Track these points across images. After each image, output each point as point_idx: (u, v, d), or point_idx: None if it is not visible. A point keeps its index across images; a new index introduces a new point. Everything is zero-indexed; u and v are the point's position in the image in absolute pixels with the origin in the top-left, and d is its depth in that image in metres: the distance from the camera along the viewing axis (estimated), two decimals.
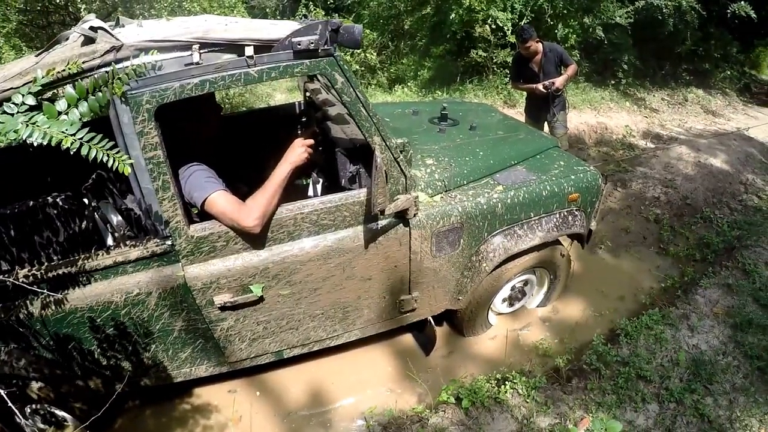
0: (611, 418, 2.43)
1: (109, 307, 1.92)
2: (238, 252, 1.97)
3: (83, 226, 2.11)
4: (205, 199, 1.84)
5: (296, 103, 3.23)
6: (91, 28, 1.60)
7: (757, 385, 2.85)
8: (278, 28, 1.79)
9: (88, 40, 1.61)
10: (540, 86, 4.13)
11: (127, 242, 1.89)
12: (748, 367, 2.96)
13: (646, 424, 2.52)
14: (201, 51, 1.63)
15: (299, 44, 1.67)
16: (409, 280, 2.35)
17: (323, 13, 8.97)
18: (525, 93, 4.68)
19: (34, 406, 2.23)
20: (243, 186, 2.03)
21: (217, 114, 2.15)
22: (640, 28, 8.77)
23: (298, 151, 1.94)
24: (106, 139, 1.26)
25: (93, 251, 1.86)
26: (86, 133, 1.20)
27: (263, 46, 1.70)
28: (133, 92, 1.59)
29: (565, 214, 2.67)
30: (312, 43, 1.67)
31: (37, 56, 1.73)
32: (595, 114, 7.77)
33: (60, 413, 2.29)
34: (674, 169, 5.98)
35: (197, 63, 1.62)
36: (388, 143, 1.95)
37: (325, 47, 1.71)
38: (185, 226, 1.84)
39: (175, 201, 1.78)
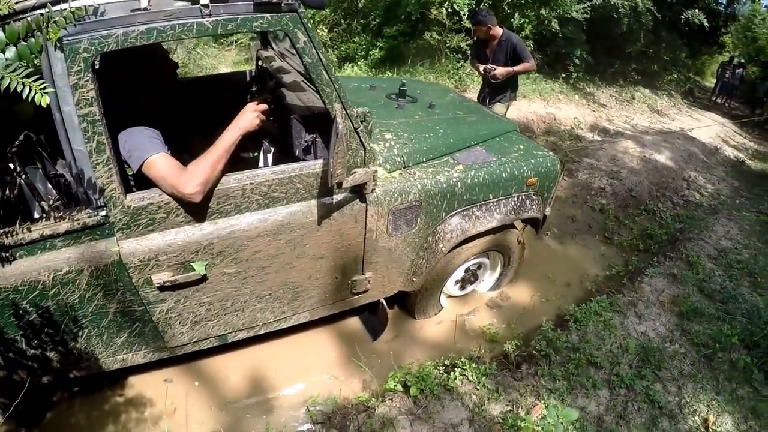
0: (563, 404, 2.47)
1: (36, 288, 1.69)
2: (179, 225, 1.78)
3: (6, 194, 1.87)
4: (145, 160, 1.65)
5: (248, 71, 3.03)
6: None
7: (703, 372, 2.95)
8: None
9: None
10: (481, 67, 4.14)
11: (56, 213, 1.67)
12: (695, 355, 3.06)
13: (598, 411, 2.55)
14: None
15: None
16: (363, 259, 2.26)
17: None
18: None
19: None
20: (188, 157, 1.86)
21: (169, 71, 1.98)
22: (595, 24, 8.99)
23: (249, 116, 1.79)
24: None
25: (17, 223, 1.63)
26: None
27: None
28: (70, 38, 1.38)
29: (523, 197, 2.66)
30: None
31: None
32: (545, 104, 7.95)
33: None
34: (620, 162, 6.18)
35: (145, 8, 1.43)
36: (348, 111, 1.83)
37: (289, 2, 1.56)
38: (121, 194, 1.63)
39: (110, 166, 1.57)
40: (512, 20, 7.61)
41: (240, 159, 2.15)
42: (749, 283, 3.99)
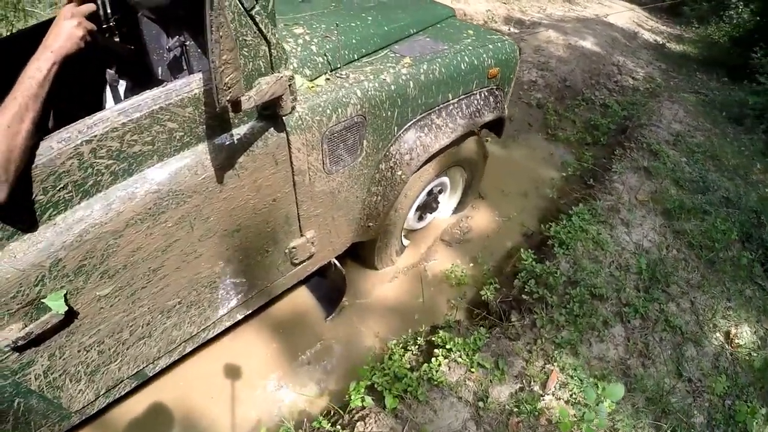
0: (578, 359, 1.99)
1: None
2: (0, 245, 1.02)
3: None
4: None
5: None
6: None
7: (709, 277, 2.67)
8: None
9: None
10: None
11: None
12: (695, 259, 2.77)
13: (617, 354, 2.10)
14: None
15: None
16: (298, 215, 1.58)
17: None
18: None
19: None
20: None
21: None
22: None
23: (65, 27, 1.04)
24: None
25: None
26: None
27: None
28: None
29: (486, 93, 2.09)
30: None
31: None
32: (452, 0, 7.32)
33: None
34: (546, 53, 5.82)
35: None
36: None
37: None
38: None
39: None
40: None
41: (71, 111, 1.33)
42: (715, 167, 3.82)
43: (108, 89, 1.45)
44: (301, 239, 1.66)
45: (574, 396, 1.85)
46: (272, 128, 1.35)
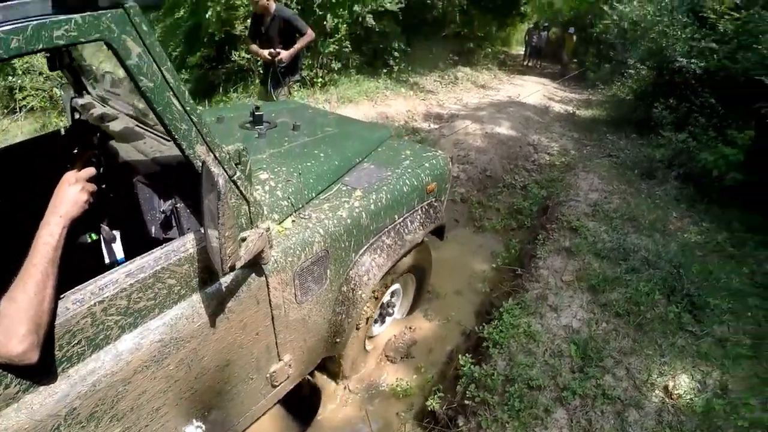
0: None
1: None
2: (16, 398, 1.12)
3: None
4: None
5: (62, 129, 2.31)
6: None
7: (640, 340, 2.85)
8: None
9: None
10: (265, 52, 4.07)
11: None
12: (625, 327, 2.95)
13: None
14: None
15: None
16: (276, 343, 1.77)
17: None
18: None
19: None
20: None
21: None
22: (409, 13, 9.22)
23: (70, 194, 1.19)
24: None
25: None
26: None
27: None
28: None
29: (427, 207, 2.40)
30: None
31: None
32: (373, 105, 7.86)
33: None
34: (465, 145, 6.23)
35: None
36: (218, 154, 1.33)
37: None
38: None
39: None
40: (325, 22, 7.44)
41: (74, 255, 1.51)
42: (633, 229, 4.12)
43: (104, 244, 1.61)
44: (279, 363, 1.83)
45: None
46: (253, 274, 1.56)
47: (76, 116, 2.28)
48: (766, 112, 4.78)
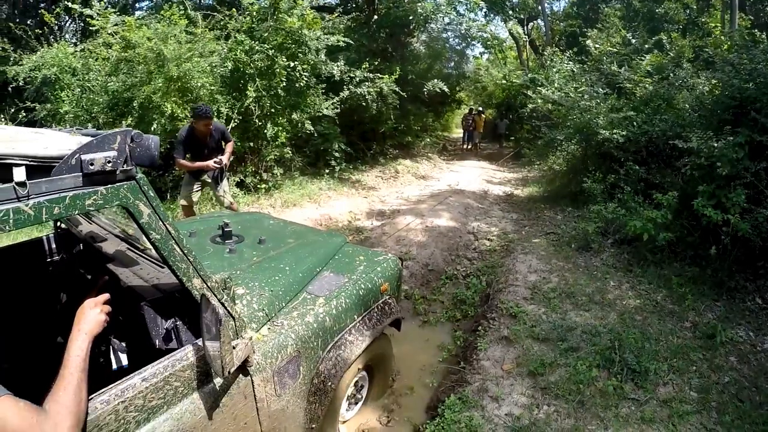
0: None
1: None
2: None
3: None
4: None
5: (44, 238, 2.66)
6: None
7: (583, 417, 3.00)
8: (58, 139, 1.36)
9: None
10: (212, 163, 4.97)
11: None
12: (566, 406, 3.09)
13: None
14: None
15: (92, 164, 1.29)
16: (261, 431, 2.12)
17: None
18: (184, 170, 5.29)
19: None
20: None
21: None
22: (346, 115, 9.97)
23: (92, 316, 1.55)
24: None
25: None
26: None
27: (40, 167, 1.24)
28: None
29: (382, 305, 2.81)
30: (109, 161, 1.32)
31: None
32: (317, 206, 8.24)
33: None
34: (407, 241, 6.55)
35: None
36: (209, 284, 1.73)
37: (125, 167, 1.37)
38: None
39: None
40: (265, 131, 7.94)
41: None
42: (572, 305, 4.36)
43: (113, 351, 1.95)
44: None
45: None
46: (241, 374, 1.93)
47: (60, 227, 2.64)
48: (685, 171, 5.37)
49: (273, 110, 8.14)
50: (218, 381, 1.85)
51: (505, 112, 20.70)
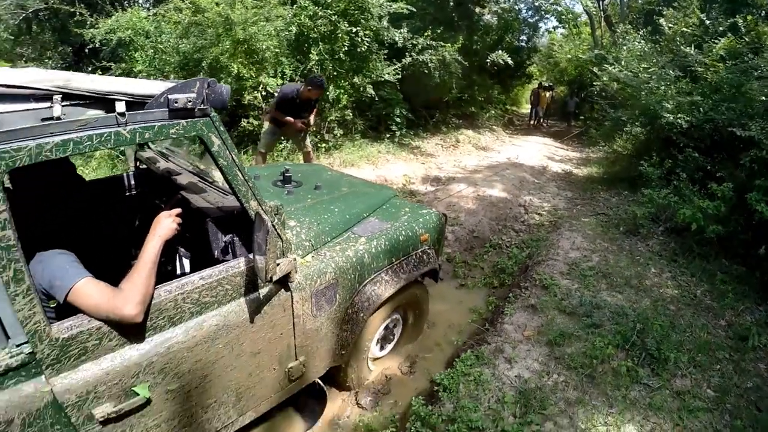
0: None
1: None
2: (114, 350, 1.76)
3: None
4: (70, 289, 1.62)
5: (125, 174, 3.06)
6: None
7: (590, 391, 3.08)
8: (151, 84, 1.72)
9: None
10: (300, 123, 5.80)
11: None
12: (575, 378, 3.18)
13: None
14: (63, 104, 1.45)
15: (176, 102, 1.66)
16: (295, 345, 2.41)
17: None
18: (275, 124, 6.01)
19: None
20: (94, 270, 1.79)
21: (78, 186, 1.98)
22: (409, 82, 10.09)
23: (166, 224, 1.88)
24: None
25: None
26: None
27: (135, 102, 1.61)
28: None
29: (420, 254, 3.05)
30: (190, 101, 1.67)
31: None
32: (374, 168, 8.52)
33: None
34: (456, 207, 6.73)
35: (58, 118, 1.43)
36: (264, 207, 2.02)
37: (202, 106, 1.72)
38: (47, 326, 1.56)
39: (32, 296, 1.49)
40: (328, 93, 8.28)
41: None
42: (607, 285, 4.39)
43: (179, 260, 2.34)
44: (296, 362, 2.46)
45: None
46: (282, 289, 2.24)
47: (140, 165, 3.04)
48: (744, 162, 5.15)
49: (335, 73, 8.46)
50: (263, 291, 2.17)
51: (577, 90, 20.01)
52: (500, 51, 11.72)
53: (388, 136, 10.23)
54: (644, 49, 9.51)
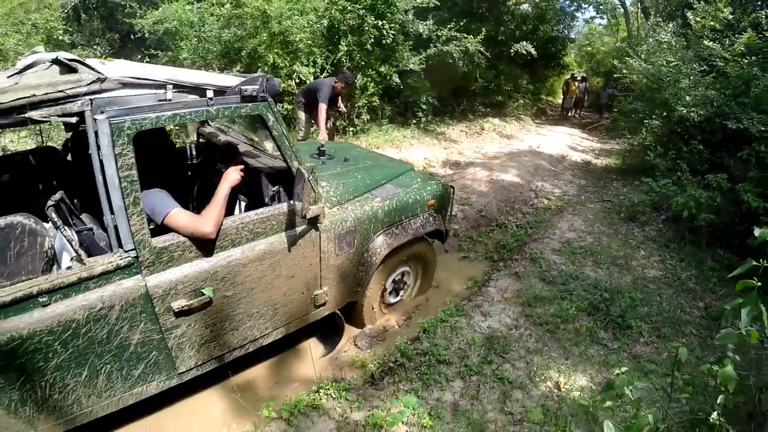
0: (418, 399, 3.01)
1: (70, 327, 2.17)
2: (192, 260, 2.52)
3: (43, 245, 2.23)
4: (167, 214, 2.42)
5: (188, 145, 3.92)
6: (68, 60, 2.16)
7: (549, 344, 3.57)
8: (227, 78, 2.56)
9: (68, 69, 2.15)
10: (339, 110, 6.98)
11: (89, 258, 2.23)
12: (539, 333, 3.70)
13: (454, 398, 3.15)
14: (173, 91, 2.31)
15: (246, 91, 2.48)
16: (320, 276, 3.17)
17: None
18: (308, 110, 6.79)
19: None
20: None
21: (170, 148, 2.81)
22: (435, 71, 10.72)
23: (234, 175, 2.68)
24: None
25: (55, 271, 2.18)
26: None
27: (219, 91, 2.44)
28: (116, 119, 2.11)
29: (427, 216, 3.79)
30: (254, 90, 2.50)
31: (9, 77, 2.15)
32: (397, 151, 9.18)
33: None
34: (469, 189, 7.32)
35: (169, 100, 2.28)
36: (303, 166, 2.75)
37: (263, 94, 2.55)
38: (149, 239, 2.32)
39: (142, 216, 2.27)
40: (355, 80, 8.82)
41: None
42: (592, 263, 4.89)
43: (238, 202, 3.17)
44: (321, 290, 3.24)
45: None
46: (313, 229, 3.01)
47: (201, 139, 3.89)
48: (742, 156, 5.51)
49: (363, 63, 9.25)
50: (299, 229, 2.94)
51: (613, 82, 20.09)
52: (524, 42, 12.12)
53: (414, 121, 10.91)
54: (671, 42, 9.48)
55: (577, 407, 3.01)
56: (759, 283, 1.68)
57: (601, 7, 20.13)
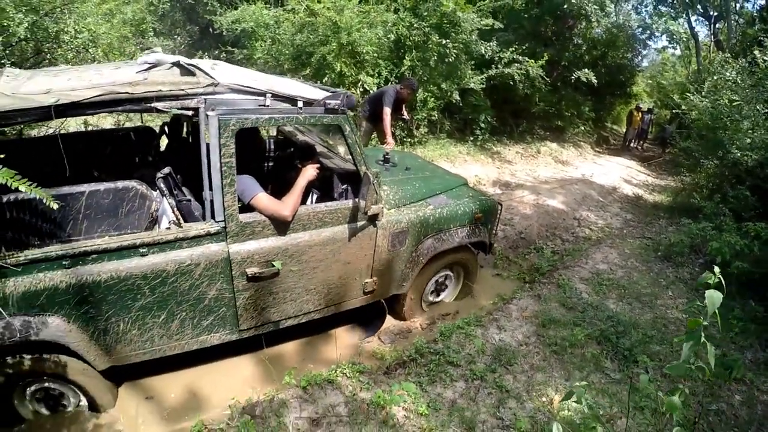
0: (420, 390, 3.40)
1: (160, 276, 2.75)
2: (268, 236, 3.09)
3: (150, 207, 2.87)
4: (254, 196, 3.01)
5: (267, 139, 4.57)
6: (187, 65, 2.80)
7: (554, 364, 3.80)
8: (314, 90, 3.18)
9: (187, 72, 2.78)
10: (405, 116, 7.17)
11: (186, 223, 2.82)
12: (546, 353, 3.94)
13: (453, 396, 3.43)
14: (271, 98, 2.91)
15: (329, 105, 3.07)
16: (372, 266, 3.70)
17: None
18: (372, 119, 6.99)
19: (37, 385, 2.84)
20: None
21: (262, 144, 3.47)
22: (497, 91, 11.19)
23: (311, 171, 3.27)
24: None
25: (156, 230, 2.82)
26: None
27: (307, 102, 3.03)
28: (224, 116, 2.73)
29: (473, 227, 4.29)
30: (336, 105, 3.09)
31: (137, 72, 2.74)
32: (451, 165, 9.45)
33: (65, 392, 2.92)
34: (514, 211, 7.65)
35: (267, 105, 2.89)
36: (370, 171, 3.27)
37: (343, 108, 3.13)
38: (237, 214, 2.90)
39: (235, 195, 2.85)
40: (416, 94, 9.45)
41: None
42: (616, 296, 5.05)
43: (312, 194, 3.73)
44: (371, 279, 3.77)
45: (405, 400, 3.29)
46: (372, 225, 3.55)
47: (280, 136, 4.54)
48: None
49: (425, 78, 9.76)
50: (359, 223, 3.48)
51: (677, 117, 19.73)
52: (586, 70, 12.22)
53: (471, 138, 11.31)
54: (736, 80, 9.12)
55: (564, 424, 3.08)
56: (706, 323, 1.98)
57: (674, 36, 19.73)
